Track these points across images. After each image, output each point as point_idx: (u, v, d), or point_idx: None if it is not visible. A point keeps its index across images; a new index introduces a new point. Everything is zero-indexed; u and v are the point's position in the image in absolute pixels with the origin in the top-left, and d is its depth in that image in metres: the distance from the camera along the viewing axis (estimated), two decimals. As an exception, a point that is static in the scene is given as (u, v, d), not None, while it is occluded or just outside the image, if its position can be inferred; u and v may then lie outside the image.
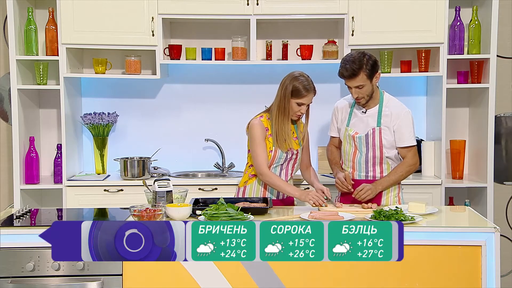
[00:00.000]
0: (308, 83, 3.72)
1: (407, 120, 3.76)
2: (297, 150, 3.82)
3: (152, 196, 3.46)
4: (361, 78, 3.62)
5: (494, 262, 3.06)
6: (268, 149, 3.75)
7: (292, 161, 3.83)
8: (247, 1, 4.56)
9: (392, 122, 3.74)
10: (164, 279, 3.07)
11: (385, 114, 3.75)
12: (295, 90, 3.69)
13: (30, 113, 4.80)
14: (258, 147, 3.74)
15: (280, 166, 3.82)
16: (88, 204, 4.36)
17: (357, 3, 4.55)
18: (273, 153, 3.76)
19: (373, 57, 3.67)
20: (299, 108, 3.73)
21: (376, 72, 3.68)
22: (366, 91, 3.68)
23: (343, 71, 3.65)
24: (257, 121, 3.78)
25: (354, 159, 3.81)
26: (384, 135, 3.74)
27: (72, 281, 3.09)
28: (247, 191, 3.86)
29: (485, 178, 4.67)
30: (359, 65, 3.61)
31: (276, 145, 3.74)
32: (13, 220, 3.34)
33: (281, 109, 3.74)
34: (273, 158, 3.76)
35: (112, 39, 4.59)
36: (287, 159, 3.80)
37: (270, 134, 3.76)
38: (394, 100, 3.81)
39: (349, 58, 3.65)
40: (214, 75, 5.03)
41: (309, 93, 3.72)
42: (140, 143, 5.03)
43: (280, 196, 3.84)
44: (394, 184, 3.79)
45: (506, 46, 4.97)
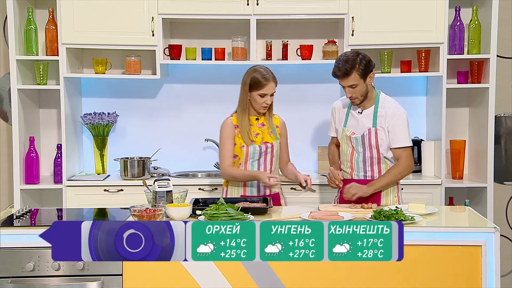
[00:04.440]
0: (266, 72, 3.77)
1: (402, 120, 3.74)
2: (271, 144, 3.85)
3: (152, 196, 3.46)
4: (354, 77, 3.63)
5: (494, 262, 3.06)
6: (239, 144, 3.80)
7: (269, 155, 3.85)
8: (247, 1, 4.56)
9: (386, 123, 3.73)
10: (164, 279, 3.07)
11: (380, 114, 3.75)
12: (254, 82, 3.75)
13: (30, 113, 4.80)
14: (221, 145, 3.85)
15: (257, 161, 3.84)
16: (88, 204, 4.36)
17: (357, 3, 4.55)
18: (245, 149, 3.80)
19: (367, 57, 3.67)
20: (263, 99, 3.77)
21: (370, 72, 3.68)
22: (360, 91, 3.68)
23: (335, 70, 3.67)
24: (227, 121, 3.86)
25: (352, 159, 3.81)
26: (380, 135, 3.74)
27: (72, 281, 3.09)
28: (229, 191, 3.90)
29: (485, 178, 4.67)
30: (352, 65, 3.62)
31: (243, 140, 3.79)
32: (13, 220, 3.35)
33: (241, 105, 3.83)
34: (246, 153, 3.80)
35: (112, 39, 4.59)
36: (261, 153, 3.82)
37: (240, 131, 3.80)
38: (390, 101, 3.80)
39: (343, 57, 3.66)
40: (214, 75, 5.03)
41: (269, 81, 3.75)
42: (140, 143, 5.03)
43: (261, 192, 3.87)
44: (387, 186, 3.78)
45: (506, 46, 4.97)
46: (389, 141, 3.74)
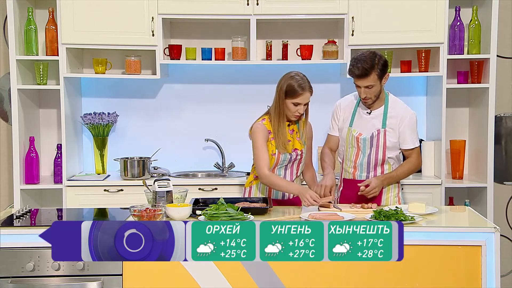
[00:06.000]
0: (303, 81, 3.67)
1: (413, 122, 3.76)
2: (301, 151, 3.80)
3: (152, 196, 3.46)
4: (372, 78, 3.60)
5: (494, 262, 3.06)
6: (271, 152, 3.74)
7: (296, 162, 3.82)
8: (247, 1, 4.56)
9: (398, 124, 3.73)
10: (164, 279, 3.07)
11: (390, 115, 3.74)
12: (290, 90, 3.65)
13: (30, 113, 4.80)
14: (258, 150, 3.72)
15: (285, 167, 3.81)
16: (88, 204, 4.36)
17: (357, 3, 4.55)
18: (276, 156, 3.74)
19: (383, 57, 3.65)
20: (296, 108, 3.68)
21: (386, 73, 3.66)
22: (375, 92, 3.66)
23: (354, 70, 3.61)
24: (259, 125, 3.76)
25: (356, 159, 3.80)
26: (389, 136, 3.73)
27: (72, 281, 3.09)
28: (253, 191, 3.86)
29: (485, 178, 4.67)
30: (371, 65, 3.58)
31: (278, 148, 3.73)
32: (13, 220, 3.35)
33: (277, 111, 3.72)
34: (277, 160, 3.75)
35: (112, 39, 4.59)
36: (291, 160, 3.79)
37: (273, 137, 3.75)
38: (400, 102, 3.80)
39: (361, 57, 3.61)
40: (214, 75, 5.03)
41: (305, 91, 3.66)
42: (140, 143, 5.03)
43: (285, 197, 3.83)
44: (398, 181, 3.80)
45: (506, 46, 4.96)
46: (398, 142, 3.74)
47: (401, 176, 3.80)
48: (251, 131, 3.78)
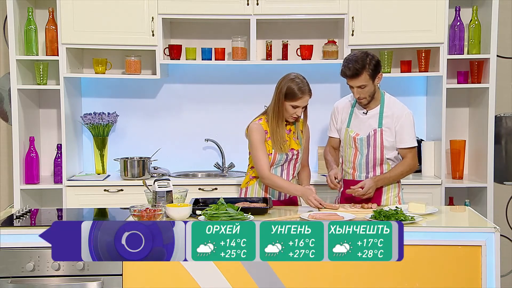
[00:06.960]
0: (303, 84, 3.68)
1: (409, 121, 3.75)
2: (297, 151, 3.81)
3: (152, 196, 3.46)
4: (364, 78, 3.61)
5: (494, 262, 3.06)
6: (267, 151, 3.74)
7: (293, 161, 3.82)
8: (247, 1, 4.56)
9: (394, 124, 3.73)
10: (164, 279, 3.07)
11: (386, 115, 3.75)
12: (290, 92, 3.66)
13: (30, 113, 4.80)
14: (258, 151, 3.72)
15: (281, 166, 3.81)
16: (88, 204, 4.36)
17: (357, 3, 4.55)
18: (272, 156, 3.75)
19: (376, 57, 3.66)
20: (294, 110, 3.69)
21: (379, 73, 3.67)
22: (368, 91, 3.67)
23: (345, 70, 3.63)
24: (255, 125, 3.76)
25: (354, 160, 3.80)
26: (386, 136, 3.74)
27: (72, 281, 3.09)
28: (249, 192, 3.86)
29: (485, 178, 4.67)
30: (362, 65, 3.60)
31: (275, 148, 3.74)
32: (13, 220, 3.34)
33: (275, 112, 3.72)
34: (273, 160, 3.75)
35: (112, 39, 4.59)
36: (287, 159, 3.79)
37: (269, 137, 3.75)
38: (395, 101, 3.80)
39: (352, 57, 3.63)
40: (214, 75, 5.03)
41: (304, 95, 3.67)
42: (140, 143, 5.04)
43: (281, 197, 3.84)
44: (393, 182, 3.79)
45: (506, 46, 4.97)
46: (395, 141, 3.74)
47: (396, 177, 3.78)
48: (248, 131, 3.78)
